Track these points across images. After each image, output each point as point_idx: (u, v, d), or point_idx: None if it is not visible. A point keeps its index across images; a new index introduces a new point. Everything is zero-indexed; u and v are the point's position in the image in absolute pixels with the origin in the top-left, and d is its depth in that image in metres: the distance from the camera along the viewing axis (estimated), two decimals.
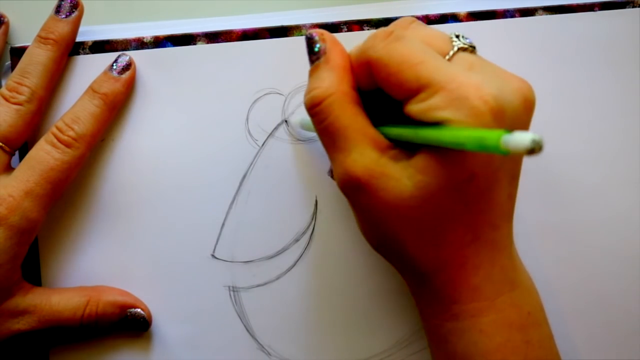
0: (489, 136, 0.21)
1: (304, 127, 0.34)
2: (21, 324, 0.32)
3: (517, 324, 0.27)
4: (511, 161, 0.27)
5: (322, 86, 0.27)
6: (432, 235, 0.27)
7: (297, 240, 0.35)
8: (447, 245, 0.27)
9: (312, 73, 0.28)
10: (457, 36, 0.27)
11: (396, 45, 0.26)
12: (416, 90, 0.25)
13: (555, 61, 0.36)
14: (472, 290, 0.27)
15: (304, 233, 0.35)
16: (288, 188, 0.35)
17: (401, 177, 0.26)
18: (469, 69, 0.26)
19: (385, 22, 0.36)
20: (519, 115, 0.26)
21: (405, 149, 0.27)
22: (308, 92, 0.28)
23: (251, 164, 0.35)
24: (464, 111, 0.24)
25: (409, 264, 0.28)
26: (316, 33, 0.29)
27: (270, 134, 0.35)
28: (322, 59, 0.28)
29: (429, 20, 0.36)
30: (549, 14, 0.36)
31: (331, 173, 0.32)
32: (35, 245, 0.35)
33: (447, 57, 0.27)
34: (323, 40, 0.28)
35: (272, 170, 0.35)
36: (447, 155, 0.25)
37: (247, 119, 0.35)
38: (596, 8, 0.37)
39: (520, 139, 0.19)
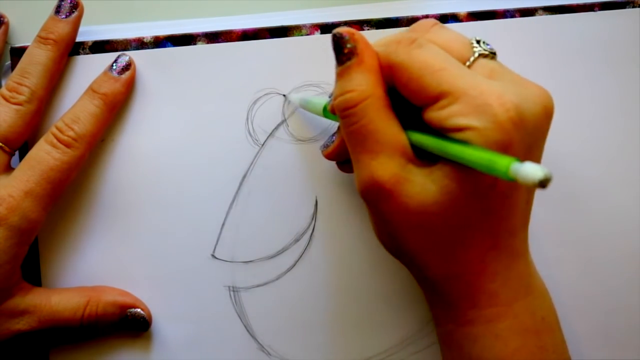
0: (500, 161, 0.21)
1: (304, 106, 0.34)
2: (21, 324, 0.32)
3: (532, 329, 0.27)
4: None
5: (358, 89, 0.27)
6: (452, 241, 0.26)
7: (297, 240, 0.35)
8: (466, 251, 0.27)
9: (342, 74, 0.27)
10: (478, 42, 0.27)
11: (418, 51, 0.26)
12: (436, 97, 0.25)
13: (555, 61, 0.36)
14: (490, 295, 0.27)
15: (304, 233, 0.35)
16: (288, 188, 0.35)
17: (425, 183, 0.26)
18: (490, 77, 0.26)
19: (385, 22, 0.35)
20: (539, 123, 0.26)
21: (425, 155, 0.27)
22: (340, 94, 0.27)
23: (251, 164, 0.35)
24: (486, 118, 0.24)
25: (427, 269, 0.28)
26: (346, 32, 0.27)
27: (270, 134, 0.35)
28: (353, 60, 0.27)
29: None
30: (549, 14, 0.36)
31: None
32: (35, 245, 0.35)
33: (468, 64, 0.27)
34: (354, 40, 0.27)
35: (272, 170, 0.35)
36: None
37: (247, 119, 0.35)
38: (596, 8, 0.37)
39: (531, 171, 0.19)
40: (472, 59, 0.27)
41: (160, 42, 0.35)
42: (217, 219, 0.35)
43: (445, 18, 0.36)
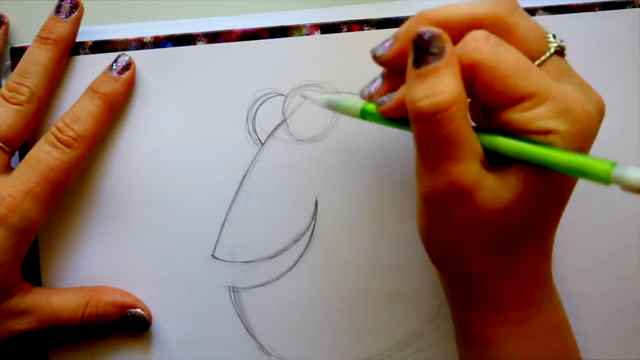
0: (598, 166, 0.21)
1: (333, 108, 0.31)
2: (21, 324, 0.32)
3: (557, 328, 0.28)
4: None
5: (448, 91, 0.24)
6: (512, 242, 0.26)
7: (297, 240, 0.35)
8: (518, 254, 0.27)
9: (427, 75, 0.25)
10: (554, 36, 0.26)
11: (502, 49, 0.25)
12: (520, 98, 0.24)
13: None
14: (524, 297, 0.27)
15: (304, 233, 0.35)
16: (288, 188, 0.35)
17: (499, 189, 0.25)
18: (560, 77, 0.26)
19: (385, 22, 0.35)
20: (595, 127, 0.26)
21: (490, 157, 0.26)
22: (425, 96, 0.24)
23: (251, 164, 0.35)
24: (569, 124, 0.24)
25: (471, 271, 0.27)
26: (437, 31, 0.25)
27: (270, 134, 0.35)
28: (443, 61, 0.25)
29: None
30: (549, 14, 0.36)
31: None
32: (35, 245, 0.35)
33: (544, 58, 0.26)
34: (443, 40, 0.25)
35: (272, 170, 0.35)
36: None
37: (247, 119, 0.35)
38: (596, 8, 0.37)
39: (636, 175, 0.19)
40: (548, 54, 0.26)
41: (160, 42, 0.35)
42: (217, 219, 0.35)
43: None
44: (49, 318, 0.32)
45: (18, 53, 0.34)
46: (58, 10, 0.34)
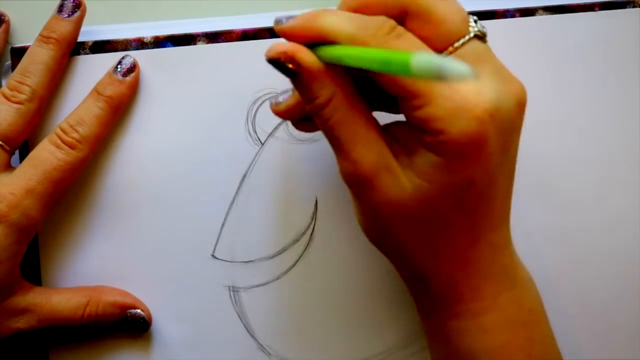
0: (397, 56, 0.20)
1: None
2: (21, 323, 0.32)
3: (520, 321, 0.28)
4: (509, 163, 0.27)
5: (321, 94, 0.26)
6: (431, 237, 0.27)
7: (297, 240, 0.35)
8: (447, 248, 0.27)
9: (299, 86, 0.27)
10: (475, 21, 0.26)
11: (396, 42, 0.25)
12: (411, 95, 0.24)
13: (555, 61, 0.36)
14: (474, 290, 0.27)
15: (304, 233, 0.35)
16: (288, 188, 0.35)
17: (401, 177, 0.26)
18: (476, 62, 0.25)
19: None
20: (513, 119, 0.26)
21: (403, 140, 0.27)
22: (307, 101, 0.26)
23: (251, 164, 0.35)
24: (464, 122, 0.24)
25: (407, 263, 0.28)
26: (279, 54, 0.26)
27: (270, 134, 0.35)
28: (304, 75, 0.26)
29: None
30: (549, 14, 0.36)
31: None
32: (35, 245, 0.35)
33: (463, 41, 0.25)
34: (297, 58, 0.26)
35: (272, 170, 0.35)
36: (446, 162, 0.25)
37: (247, 119, 0.35)
38: (596, 8, 0.37)
39: (427, 61, 0.18)
40: (467, 37, 0.26)
41: (160, 42, 0.35)
42: (217, 219, 0.35)
43: None
44: (49, 317, 0.32)
45: (18, 53, 0.34)
46: (60, 9, 0.34)
